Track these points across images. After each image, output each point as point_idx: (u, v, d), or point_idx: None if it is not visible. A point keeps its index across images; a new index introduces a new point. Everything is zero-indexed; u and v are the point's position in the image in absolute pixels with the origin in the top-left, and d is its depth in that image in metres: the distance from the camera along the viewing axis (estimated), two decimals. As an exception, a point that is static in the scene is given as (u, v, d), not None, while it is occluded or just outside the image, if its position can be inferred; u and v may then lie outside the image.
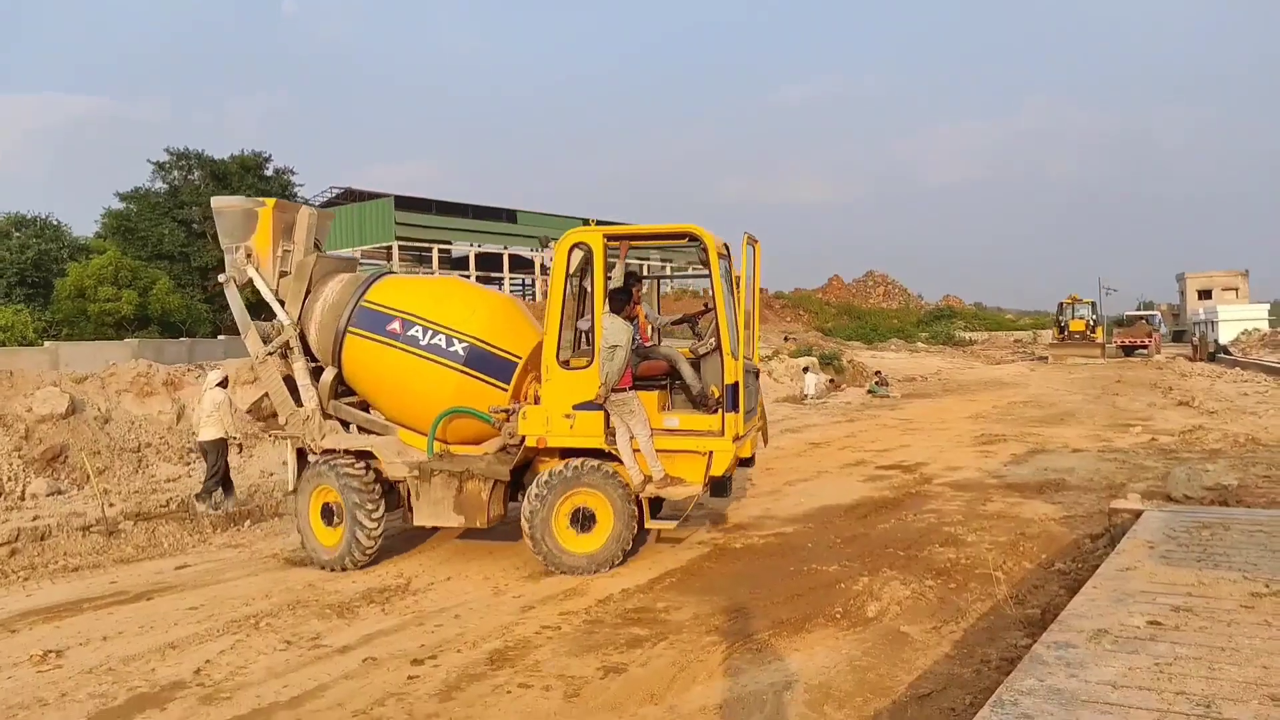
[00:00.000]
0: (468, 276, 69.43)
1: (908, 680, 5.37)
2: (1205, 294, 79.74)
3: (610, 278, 8.32)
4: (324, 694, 5.34)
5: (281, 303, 8.76)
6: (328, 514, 8.32)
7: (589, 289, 8.17)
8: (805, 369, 29.08)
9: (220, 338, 34.77)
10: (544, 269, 75.58)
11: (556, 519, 7.83)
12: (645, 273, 8.37)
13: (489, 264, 70.55)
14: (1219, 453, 13.69)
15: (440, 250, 67.36)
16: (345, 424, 8.86)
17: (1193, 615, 4.86)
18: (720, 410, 7.83)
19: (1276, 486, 10.21)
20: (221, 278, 8.84)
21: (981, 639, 6.05)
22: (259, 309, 8.92)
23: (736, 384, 7.79)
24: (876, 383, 28.22)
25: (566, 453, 8.05)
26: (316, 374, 8.71)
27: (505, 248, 70.70)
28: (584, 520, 7.87)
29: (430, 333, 8.27)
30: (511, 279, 73.37)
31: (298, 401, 8.64)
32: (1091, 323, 52.00)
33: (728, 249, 8.62)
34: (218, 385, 11.40)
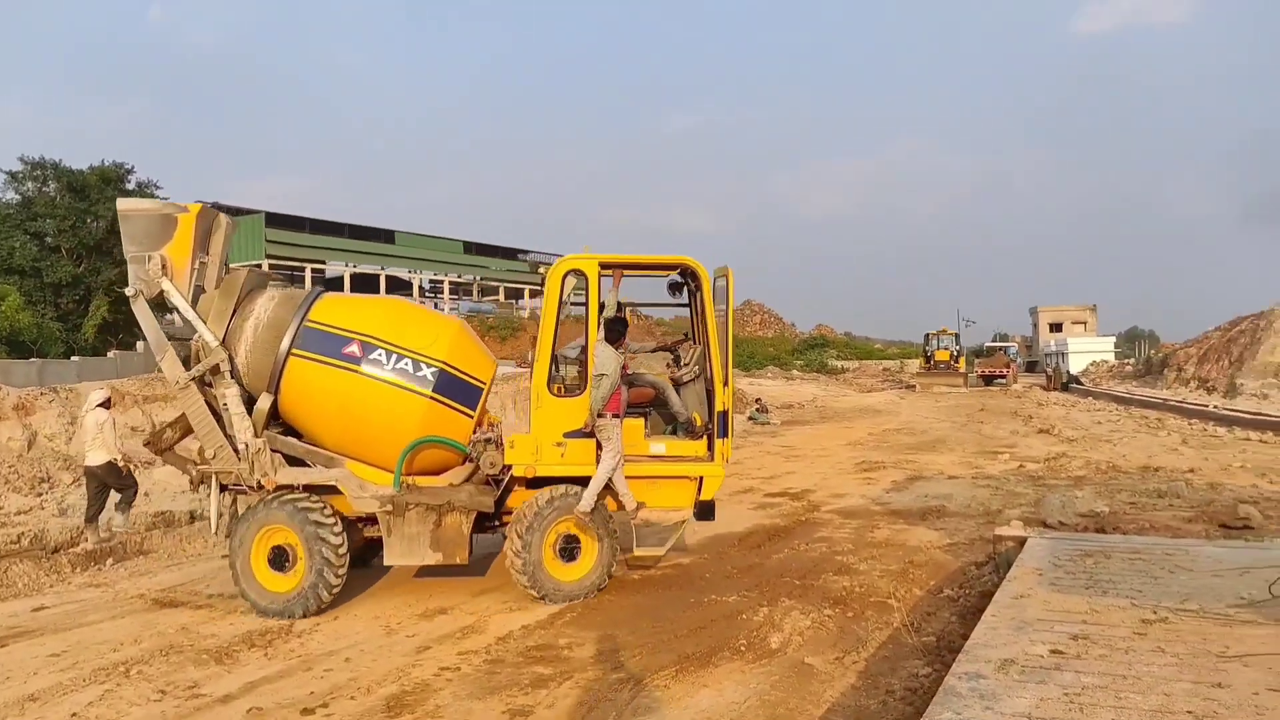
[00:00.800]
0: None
1: (817, 714, 5.36)
2: (1056, 327, 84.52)
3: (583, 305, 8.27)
4: (206, 749, 4.95)
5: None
6: (278, 557, 7.57)
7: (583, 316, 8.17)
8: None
9: (74, 359, 32.69)
10: (425, 290, 74.35)
11: (545, 550, 7.71)
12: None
13: (365, 285, 68.74)
14: (1084, 479, 14.39)
15: (314, 270, 65.34)
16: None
17: (1091, 643, 5.01)
18: (706, 436, 8.07)
19: (1142, 513, 10.76)
20: (129, 290, 7.86)
21: (884, 668, 6.11)
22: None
23: (726, 411, 7.99)
24: (757, 409, 28.68)
25: (532, 483, 7.91)
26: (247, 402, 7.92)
27: (382, 268, 69.11)
28: (569, 549, 7.82)
29: (395, 357, 7.80)
30: (388, 301, 71.77)
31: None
32: (955, 353, 54.42)
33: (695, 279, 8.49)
34: (99, 405, 10.82)
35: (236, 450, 7.73)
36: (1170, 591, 6.07)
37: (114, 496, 10.70)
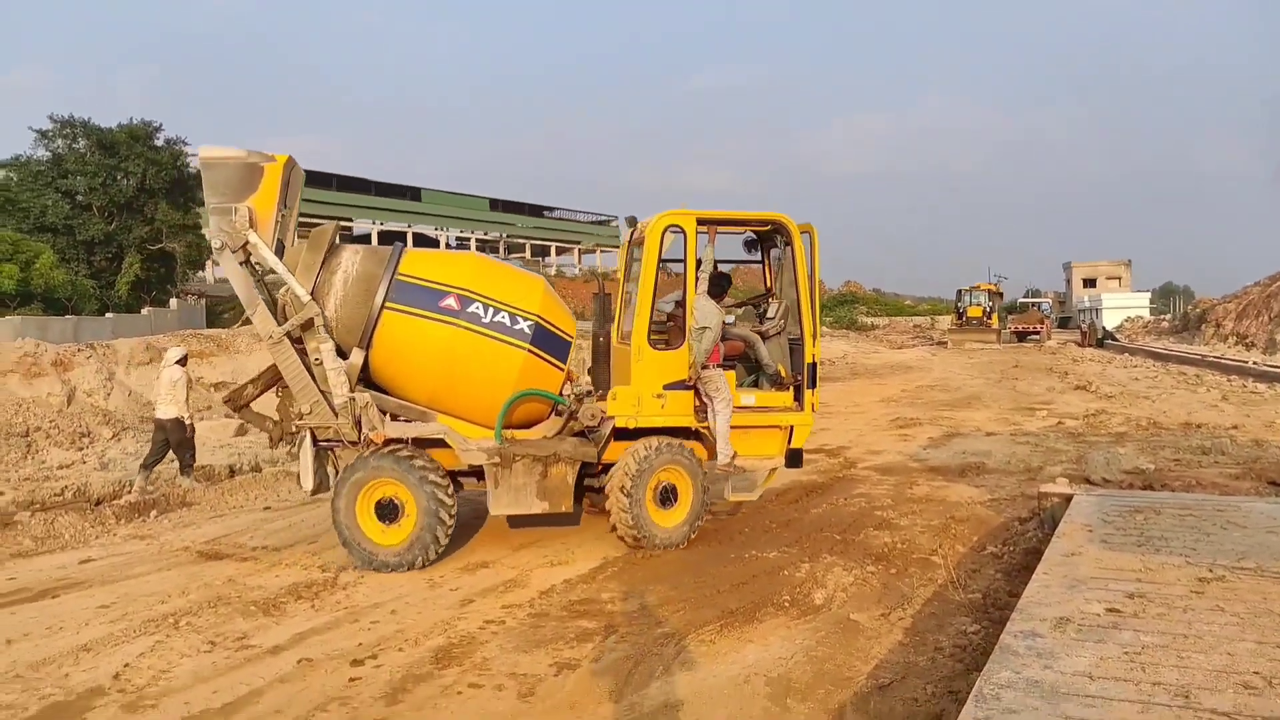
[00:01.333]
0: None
1: (865, 670, 5.32)
2: (1090, 283, 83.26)
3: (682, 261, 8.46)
4: (259, 700, 4.99)
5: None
6: (386, 510, 7.57)
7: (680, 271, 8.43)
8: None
9: (108, 315, 33.06)
10: (450, 248, 74.31)
11: (648, 497, 7.99)
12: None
13: (391, 242, 68.73)
14: (1125, 436, 14.19)
15: (340, 227, 65.38)
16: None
17: (1148, 602, 4.92)
18: (794, 387, 8.47)
19: (1188, 470, 10.59)
20: (214, 243, 7.50)
21: (931, 625, 6.06)
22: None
23: (815, 363, 8.40)
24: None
25: (627, 434, 8.14)
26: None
27: (409, 226, 69.13)
28: (666, 497, 8.08)
29: (492, 310, 7.83)
30: (416, 258, 71.82)
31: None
32: (988, 309, 53.75)
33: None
34: (176, 363, 11.17)
35: (332, 406, 7.63)
36: (1225, 549, 5.96)
37: (178, 461, 11.11)
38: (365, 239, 67.72)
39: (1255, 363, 27.12)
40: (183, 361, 11.31)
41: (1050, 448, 13.25)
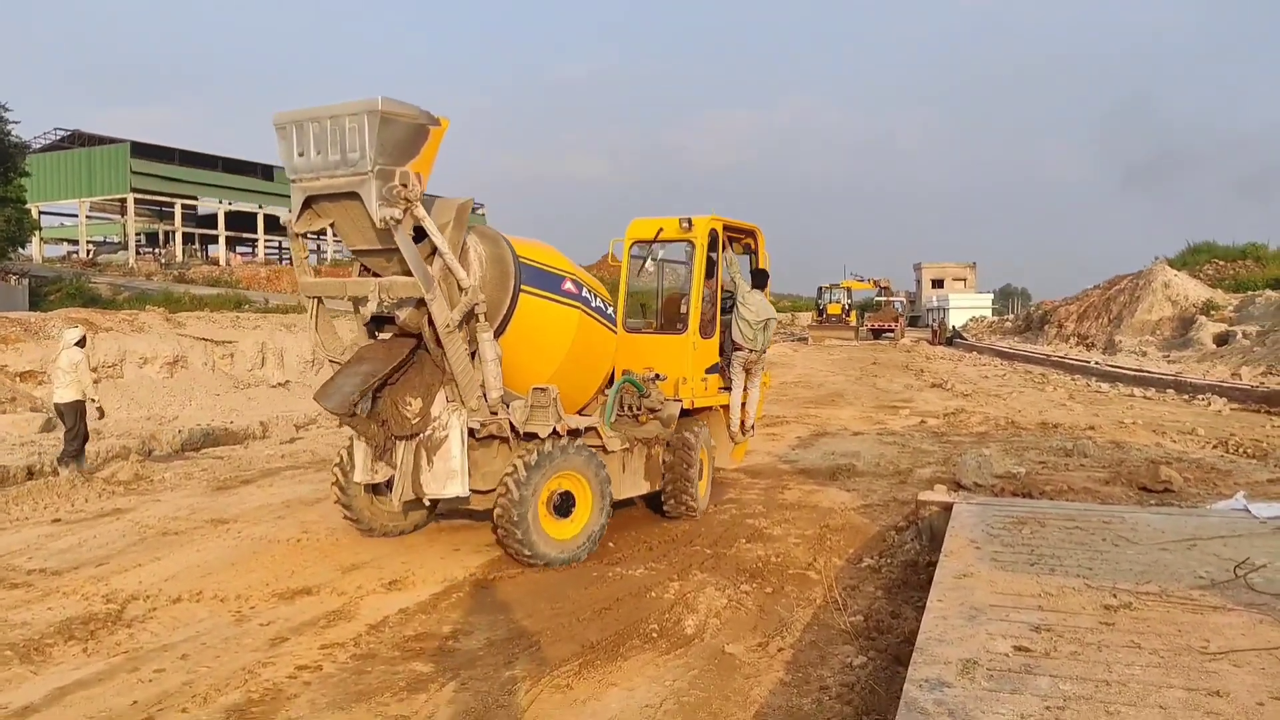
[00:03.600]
0: (215, 237, 63.85)
1: (745, 718, 4.63)
2: (938, 283, 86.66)
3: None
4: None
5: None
6: (560, 504, 7.20)
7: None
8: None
9: None
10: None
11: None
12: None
13: (240, 223, 65.03)
14: (986, 436, 14.16)
15: (184, 206, 61.36)
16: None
17: (1057, 636, 4.38)
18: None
19: (1055, 473, 10.43)
20: (390, 213, 6.38)
21: (813, 658, 5.42)
22: None
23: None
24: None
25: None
26: None
27: (260, 207, 65.42)
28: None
29: (594, 295, 8.05)
30: (268, 241, 68.12)
31: None
32: (846, 306, 54.92)
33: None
34: (75, 344, 10.95)
35: (485, 396, 7.00)
36: (1122, 569, 5.54)
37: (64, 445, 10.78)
38: (212, 219, 63.73)
39: (1097, 363, 28.25)
40: (81, 343, 11.07)
41: (917, 448, 13.04)
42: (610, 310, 8.42)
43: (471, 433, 7.07)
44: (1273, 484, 9.59)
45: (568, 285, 7.71)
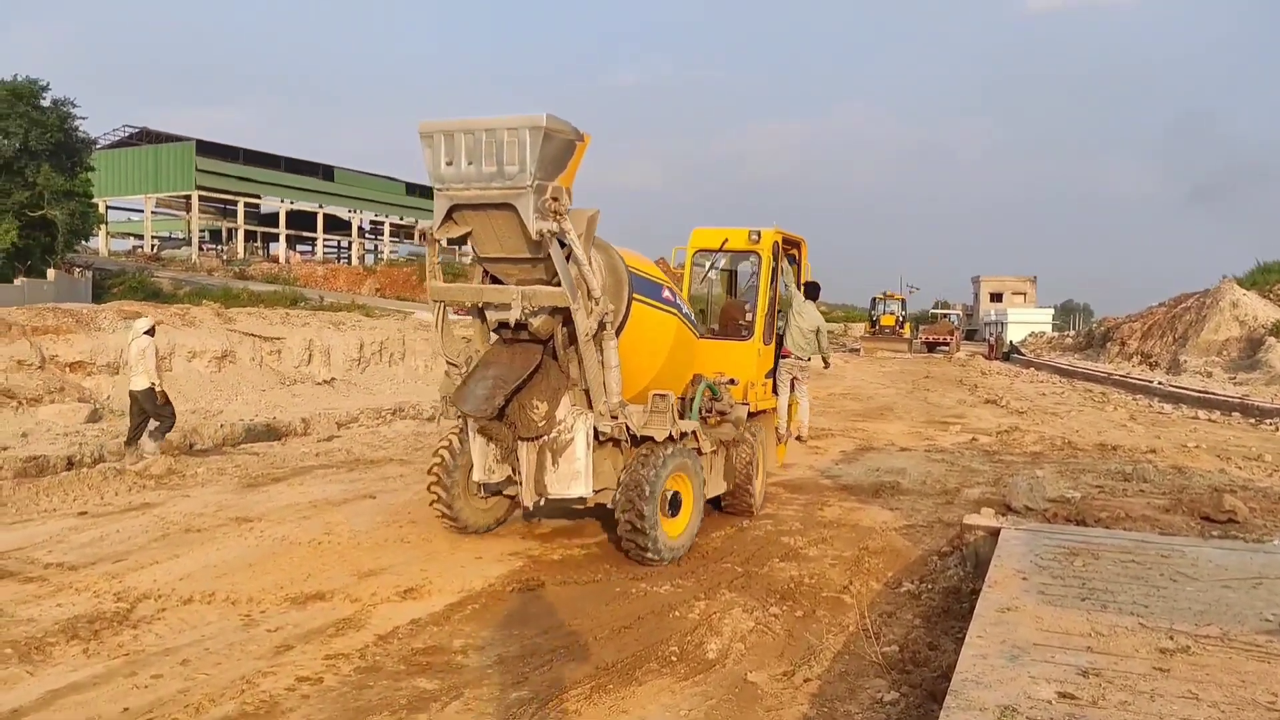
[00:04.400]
0: (276, 235, 64.86)
1: (761, 756, 4.31)
2: (997, 296, 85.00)
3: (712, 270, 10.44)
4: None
5: None
6: (671, 503, 7.51)
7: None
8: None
9: (18, 282, 30.37)
10: (364, 231, 71.52)
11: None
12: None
13: (301, 223, 66.05)
14: (1040, 456, 13.60)
15: (247, 204, 62.47)
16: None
17: (1106, 683, 4.00)
18: None
19: (1113, 498, 9.91)
20: (550, 226, 6.57)
21: (841, 691, 5.08)
22: None
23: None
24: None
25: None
26: None
27: (320, 206, 66.40)
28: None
29: (683, 303, 8.33)
30: (326, 240, 69.09)
31: None
32: (900, 318, 54.04)
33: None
34: (145, 333, 11.37)
35: (605, 401, 7.12)
36: (1181, 608, 5.12)
37: (151, 423, 11.30)
38: (274, 218, 64.79)
39: (1160, 382, 27.28)
40: (151, 331, 11.49)
41: (966, 466, 12.55)
42: (694, 317, 8.69)
43: (597, 435, 7.28)
44: (1348, 518, 8.98)
45: (666, 293, 7.93)
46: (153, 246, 61.86)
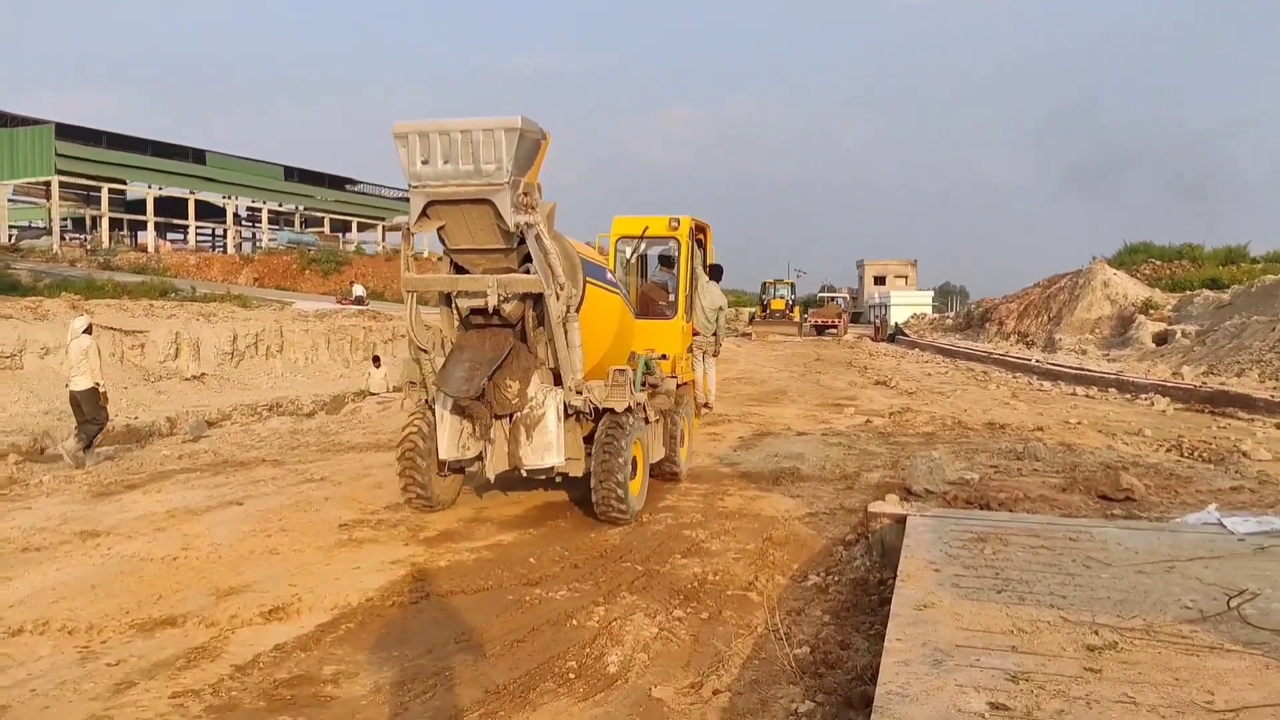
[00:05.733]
0: (144, 223, 61.38)
1: (671, 785, 3.90)
2: (880, 280, 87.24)
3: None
4: None
5: None
6: (631, 467, 8.14)
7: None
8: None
9: None
10: (240, 218, 68.37)
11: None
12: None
13: (171, 209, 62.65)
14: (933, 436, 13.63)
15: (112, 191, 58.90)
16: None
17: (1037, 688, 3.72)
18: None
19: (1008, 478, 9.87)
20: (526, 219, 7.15)
21: (753, 703, 4.72)
22: None
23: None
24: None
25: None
26: None
27: (191, 192, 63.12)
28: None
29: (621, 285, 8.98)
30: (199, 228, 65.78)
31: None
32: (790, 302, 54.70)
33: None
34: (84, 332, 11.12)
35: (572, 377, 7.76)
36: (1100, 597, 4.92)
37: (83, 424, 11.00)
38: (141, 205, 61.21)
39: (1038, 360, 28.14)
40: (89, 330, 11.24)
41: (863, 449, 12.44)
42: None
43: (566, 409, 7.88)
44: (1236, 492, 9.12)
45: (609, 275, 8.65)
46: (10, 236, 57.80)
